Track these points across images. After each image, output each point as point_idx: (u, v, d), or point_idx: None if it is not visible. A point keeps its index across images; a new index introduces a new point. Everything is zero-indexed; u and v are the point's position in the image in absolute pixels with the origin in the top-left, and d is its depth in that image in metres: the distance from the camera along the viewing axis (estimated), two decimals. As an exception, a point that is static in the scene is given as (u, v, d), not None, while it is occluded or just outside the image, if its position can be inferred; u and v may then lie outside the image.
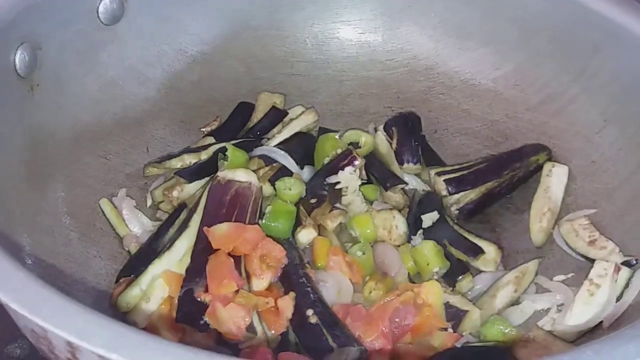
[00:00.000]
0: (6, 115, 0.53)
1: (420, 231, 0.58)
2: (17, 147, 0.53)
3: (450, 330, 0.52)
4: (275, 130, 0.66)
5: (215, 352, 0.33)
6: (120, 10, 0.61)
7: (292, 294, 0.51)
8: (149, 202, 0.60)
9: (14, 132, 0.53)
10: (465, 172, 0.61)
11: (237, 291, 0.49)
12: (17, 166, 0.53)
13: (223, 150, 0.60)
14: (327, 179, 0.60)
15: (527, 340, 0.50)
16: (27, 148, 0.54)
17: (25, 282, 0.33)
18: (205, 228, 0.52)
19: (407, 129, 0.65)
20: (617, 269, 0.51)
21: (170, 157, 0.62)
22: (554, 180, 0.60)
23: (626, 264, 0.52)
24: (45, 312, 0.33)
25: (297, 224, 0.57)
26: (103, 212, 0.58)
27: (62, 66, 0.58)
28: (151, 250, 0.54)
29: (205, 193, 0.55)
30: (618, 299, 0.50)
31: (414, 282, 0.55)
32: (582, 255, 0.55)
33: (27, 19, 0.54)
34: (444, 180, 0.61)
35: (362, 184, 0.61)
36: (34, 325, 0.33)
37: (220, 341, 0.49)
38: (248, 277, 0.52)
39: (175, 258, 0.52)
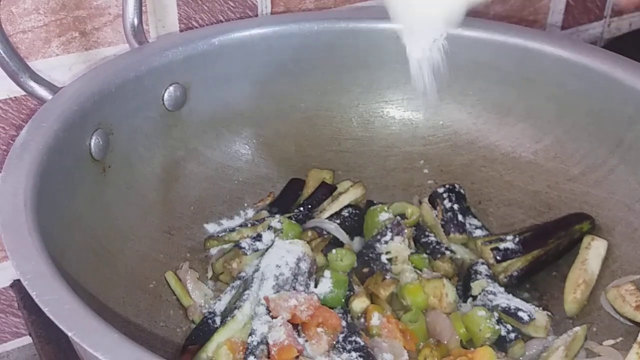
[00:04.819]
0: (82, 195, 0.57)
1: (470, 299, 0.60)
2: (90, 224, 0.57)
3: (505, 395, 0.53)
4: (325, 203, 0.69)
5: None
6: (183, 97, 0.67)
7: (349, 360, 0.53)
8: (210, 274, 0.64)
9: (88, 210, 0.57)
10: (511, 241, 0.63)
11: (297, 357, 0.51)
12: (90, 242, 0.57)
13: (278, 223, 0.64)
14: (377, 249, 0.63)
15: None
16: (99, 225, 0.58)
17: (119, 343, 0.37)
18: (264, 296, 0.55)
19: (451, 201, 0.68)
20: (665, 332, 0.52)
21: (229, 231, 0.66)
22: (592, 253, 0.62)
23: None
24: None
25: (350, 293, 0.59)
26: (168, 284, 0.61)
27: (132, 149, 0.63)
28: (214, 319, 0.57)
29: (263, 264, 0.59)
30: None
31: (466, 349, 0.57)
32: (630, 320, 0.56)
33: (102, 107, 0.60)
34: (490, 249, 0.63)
35: (411, 253, 0.63)
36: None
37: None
38: (306, 344, 0.54)
39: (238, 326, 0.54)
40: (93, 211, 0.58)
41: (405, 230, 0.64)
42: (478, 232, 0.67)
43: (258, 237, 0.64)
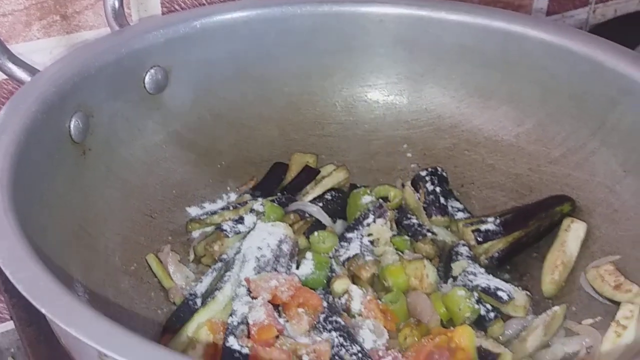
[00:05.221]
0: (62, 177, 0.57)
1: (451, 279, 0.60)
2: (70, 206, 0.57)
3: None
4: (308, 187, 0.69)
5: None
6: (165, 80, 0.67)
7: (329, 340, 0.53)
8: (192, 257, 0.63)
9: (68, 192, 0.57)
10: (492, 222, 0.64)
11: (277, 336, 0.52)
12: (70, 224, 0.57)
13: (260, 206, 0.64)
14: (359, 231, 0.63)
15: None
16: (79, 207, 0.58)
17: (93, 319, 0.37)
18: (245, 277, 0.55)
19: (434, 184, 0.68)
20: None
21: (211, 214, 0.65)
22: (571, 235, 0.62)
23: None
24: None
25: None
26: (150, 266, 0.61)
27: (112, 132, 0.63)
28: (195, 300, 0.57)
29: (245, 246, 0.59)
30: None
31: (446, 328, 0.57)
32: (609, 299, 0.57)
33: (82, 89, 0.59)
34: (471, 231, 0.63)
35: (393, 236, 0.63)
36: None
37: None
38: (287, 325, 0.54)
39: (218, 307, 0.54)
40: (73, 193, 0.58)
41: (388, 213, 0.64)
42: (460, 215, 0.67)
43: (240, 220, 0.63)
